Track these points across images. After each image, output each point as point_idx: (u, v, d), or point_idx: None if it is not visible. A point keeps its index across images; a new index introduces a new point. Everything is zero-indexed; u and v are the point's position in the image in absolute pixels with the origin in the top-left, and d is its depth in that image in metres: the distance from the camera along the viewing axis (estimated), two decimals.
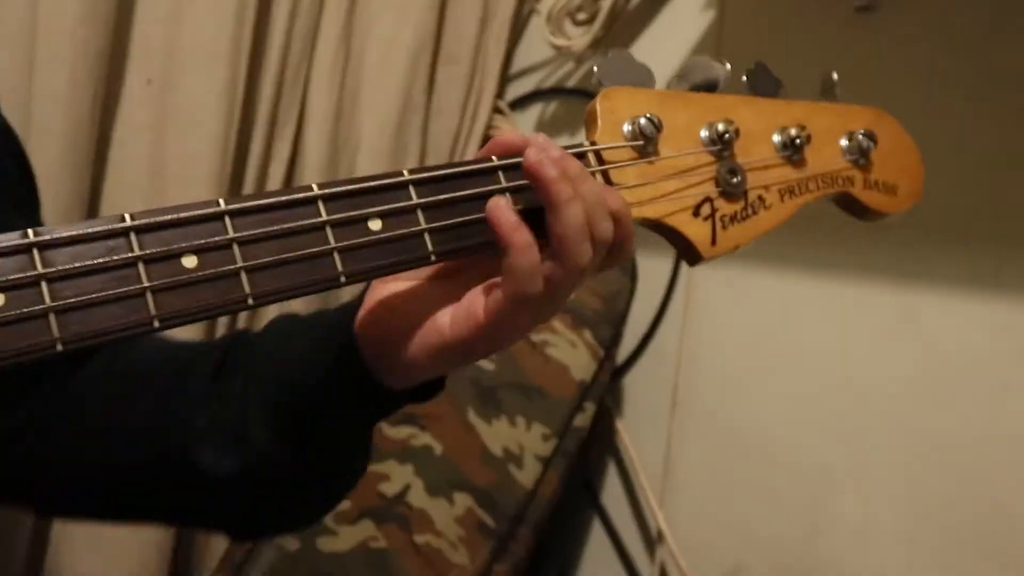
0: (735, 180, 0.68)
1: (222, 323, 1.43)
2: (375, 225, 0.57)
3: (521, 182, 0.60)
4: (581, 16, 1.58)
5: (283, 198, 0.55)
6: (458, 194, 0.60)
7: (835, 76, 0.78)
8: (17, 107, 1.22)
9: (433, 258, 0.58)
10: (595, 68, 0.67)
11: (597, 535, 1.56)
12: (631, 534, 1.52)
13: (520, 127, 1.73)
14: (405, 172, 0.59)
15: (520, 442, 1.34)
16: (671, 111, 0.67)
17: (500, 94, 1.74)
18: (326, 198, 0.56)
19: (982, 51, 1.21)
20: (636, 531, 1.51)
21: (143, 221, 0.52)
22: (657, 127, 0.65)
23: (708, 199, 0.67)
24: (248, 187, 1.46)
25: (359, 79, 1.57)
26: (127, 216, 0.51)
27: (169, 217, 0.52)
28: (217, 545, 1.52)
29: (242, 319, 1.44)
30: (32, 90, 1.23)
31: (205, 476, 0.70)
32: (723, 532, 1.41)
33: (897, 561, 1.25)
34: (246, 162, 1.46)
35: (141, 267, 0.51)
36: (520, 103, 1.74)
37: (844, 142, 0.76)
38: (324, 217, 0.56)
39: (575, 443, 1.36)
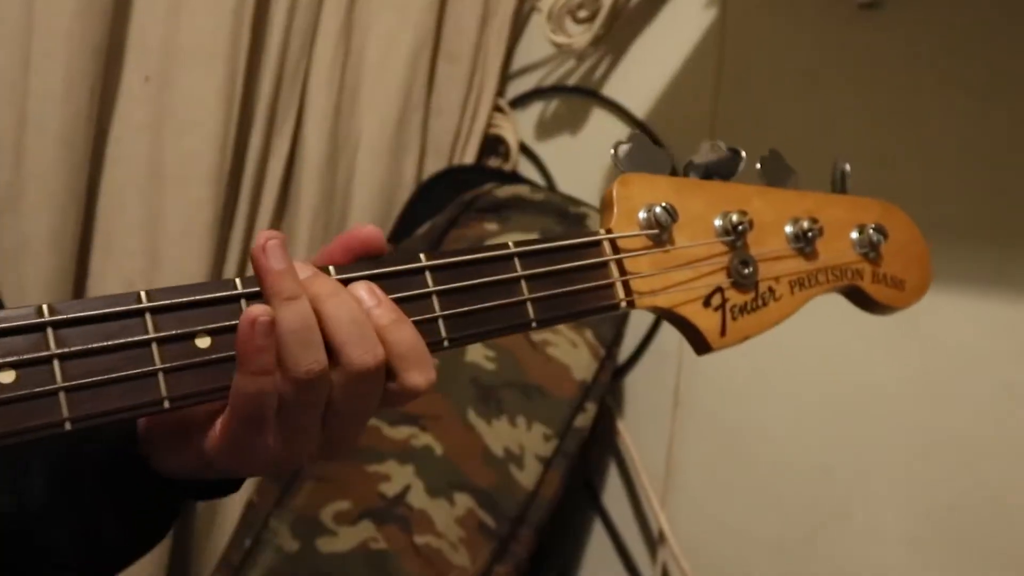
0: (747, 271, 0.69)
1: None
2: None
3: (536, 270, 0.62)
4: (582, 14, 1.57)
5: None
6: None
7: (847, 167, 0.77)
8: (12, 104, 1.21)
9: (446, 344, 0.60)
10: (612, 152, 0.67)
11: (598, 536, 1.55)
12: (632, 535, 1.51)
13: (521, 125, 1.72)
14: (423, 257, 0.59)
15: (521, 442, 1.33)
16: (686, 199, 0.68)
17: (500, 92, 1.73)
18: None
19: (986, 49, 1.21)
20: (637, 532, 1.50)
21: (160, 302, 0.52)
22: (673, 216, 0.66)
23: (719, 289, 0.68)
24: (247, 185, 1.46)
25: (359, 77, 1.57)
26: (143, 295, 0.51)
27: (186, 299, 0.53)
28: (214, 546, 1.51)
29: None
30: (27, 87, 1.23)
31: None
32: (725, 533, 1.40)
33: (900, 561, 1.24)
34: (244, 160, 1.46)
35: (155, 347, 0.51)
36: (520, 101, 1.73)
37: (855, 235, 0.77)
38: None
39: (576, 443, 1.35)
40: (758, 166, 0.73)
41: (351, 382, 0.54)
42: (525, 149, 1.71)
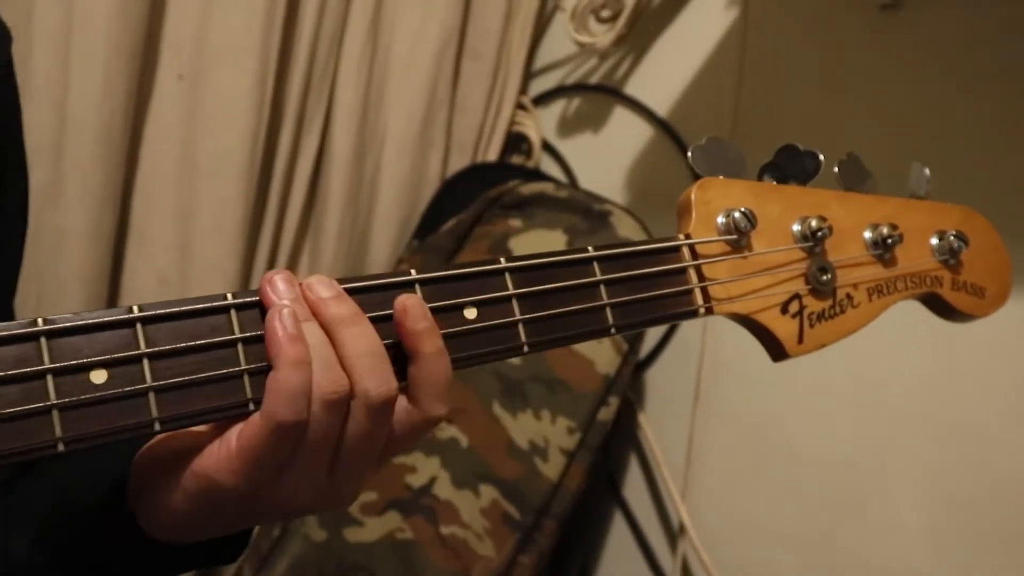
0: (825, 278, 0.68)
1: None
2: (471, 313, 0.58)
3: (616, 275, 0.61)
4: (605, 13, 1.59)
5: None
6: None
7: (927, 172, 0.77)
8: (53, 104, 1.24)
9: (526, 349, 0.59)
10: (689, 154, 0.67)
11: (619, 528, 1.57)
12: (653, 527, 1.53)
13: (543, 122, 1.74)
14: (503, 261, 0.58)
15: (545, 435, 1.36)
16: (764, 204, 0.67)
17: (524, 90, 1.76)
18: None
19: (1004, 49, 1.22)
20: (658, 524, 1.53)
21: (244, 300, 0.52)
22: (752, 222, 0.65)
23: (797, 296, 0.67)
24: (276, 181, 1.48)
25: (385, 74, 1.59)
26: (228, 295, 0.52)
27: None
28: None
29: None
30: (68, 87, 1.25)
31: None
32: (745, 525, 1.42)
33: (918, 553, 1.26)
34: (275, 156, 1.48)
35: (240, 348, 0.52)
36: (543, 99, 1.75)
37: (935, 241, 0.76)
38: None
39: (599, 436, 1.37)
40: (836, 169, 0.72)
41: (364, 417, 0.53)
42: (547, 146, 1.73)
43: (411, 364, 0.55)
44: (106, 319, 0.49)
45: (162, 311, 0.50)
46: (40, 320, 0.48)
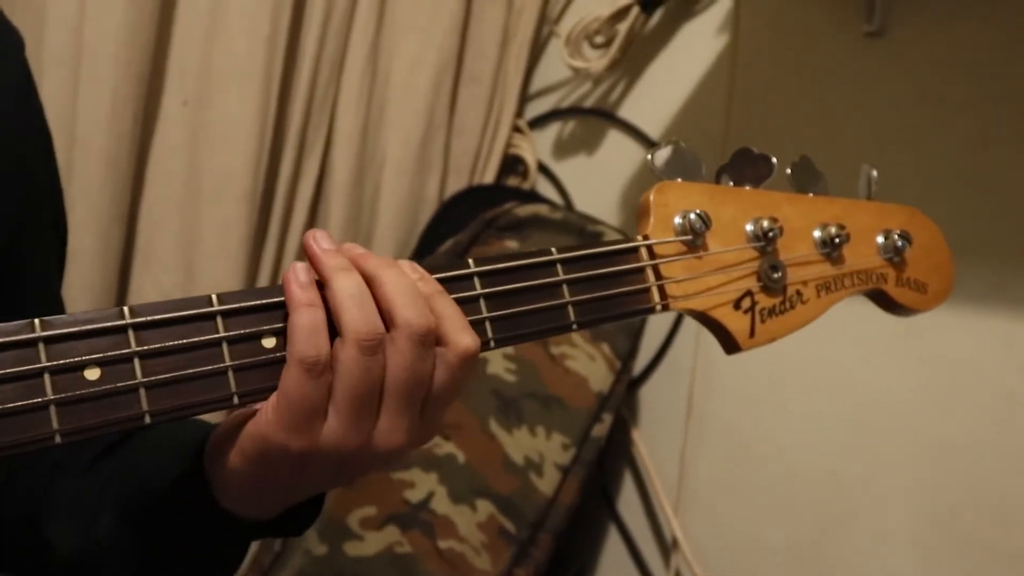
0: (776, 276, 0.71)
1: None
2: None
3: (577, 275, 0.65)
4: (599, 39, 1.63)
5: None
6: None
7: (874, 174, 0.80)
8: (62, 127, 1.27)
9: (492, 344, 0.62)
10: (649, 157, 0.70)
11: (613, 542, 1.59)
12: (646, 541, 1.56)
13: (539, 145, 1.77)
14: (471, 263, 0.62)
15: (540, 451, 1.38)
16: (719, 206, 0.71)
17: (520, 113, 1.79)
18: None
19: (989, 75, 1.25)
20: (651, 538, 1.55)
21: (230, 306, 0.55)
22: (706, 223, 0.69)
23: (749, 292, 0.70)
24: (278, 203, 1.51)
25: (384, 99, 1.62)
26: (214, 298, 0.55)
27: (253, 303, 0.56)
28: None
29: None
30: (76, 111, 1.28)
31: (46, 548, 0.68)
32: (736, 538, 1.45)
33: (906, 564, 1.29)
34: (276, 179, 1.51)
35: (225, 347, 0.55)
36: (539, 122, 1.78)
37: (880, 240, 0.78)
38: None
39: (593, 452, 1.40)
40: (788, 171, 0.76)
41: (408, 348, 0.55)
42: (543, 168, 1.76)
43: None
44: (101, 325, 0.52)
45: (154, 316, 0.54)
46: (37, 323, 0.51)
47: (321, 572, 1.38)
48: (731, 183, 0.74)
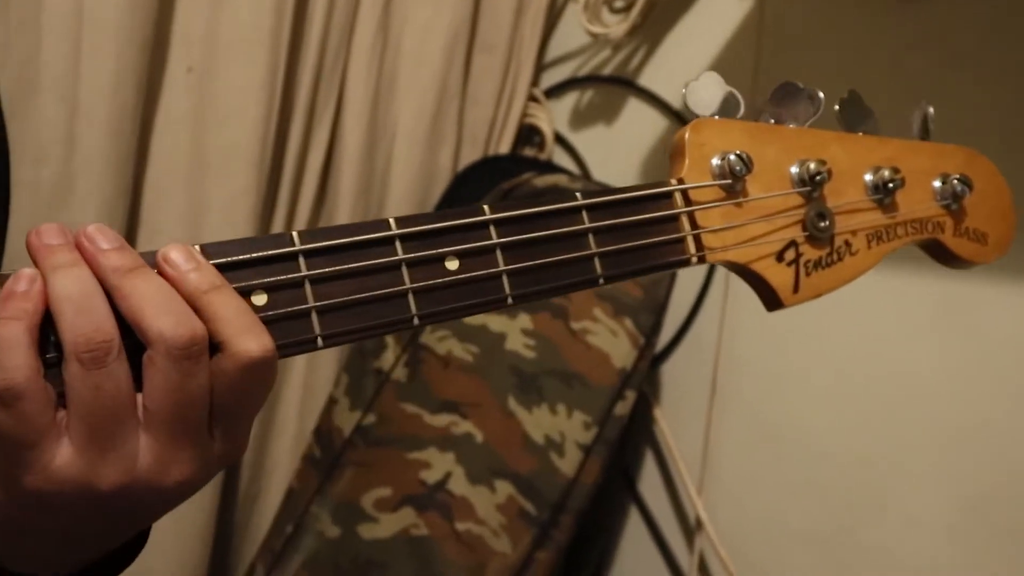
0: (823, 225, 0.66)
1: None
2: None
3: (604, 223, 0.60)
4: (619, 3, 1.58)
5: (357, 237, 0.55)
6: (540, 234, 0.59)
7: (931, 111, 0.74)
8: (63, 98, 1.23)
9: (510, 300, 0.57)
10: (683, 91, 0.64)
11: (634, 524, 1.56)
12: (669, 523, 1.52)
13: (556, 114, 1.73)
14: (487, 210, 0.57)
15: (561, 430, 1.34)
16: (761, 146, 0.64)
17: (536, 82, 1.74)
18: (403, 237, 0.55)
19: (1022, 40, 1.20)
20: (674, 520, 1.51)
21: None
22: (748, 166, 0.63)
23: (794, 243, 0.65)
24: (287, 175, 1.47)
25: (396, 67, 1.58)
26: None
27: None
28: (254, 534, 1.53)
29: None
30: (78, 80, 1.24)
31: None
32: (763, 521, 1.41)
33: (936, 551, 1.25)
34: (285, 150, 1.47)
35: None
36: (555, 91, 1.74)
37: (937, 184, 0.72)
38: (400, 255, 0.55)
39: (616, 431, 1.36)
40: (836, 108, 0.69)
41: (167, 365, 0.47)
42: (560, 138, 1.72)
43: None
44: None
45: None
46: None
47: (335, 555, 1.35)
48: (771, 121, 0.67)
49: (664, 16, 1.57)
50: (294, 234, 0.52)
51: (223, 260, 0.51)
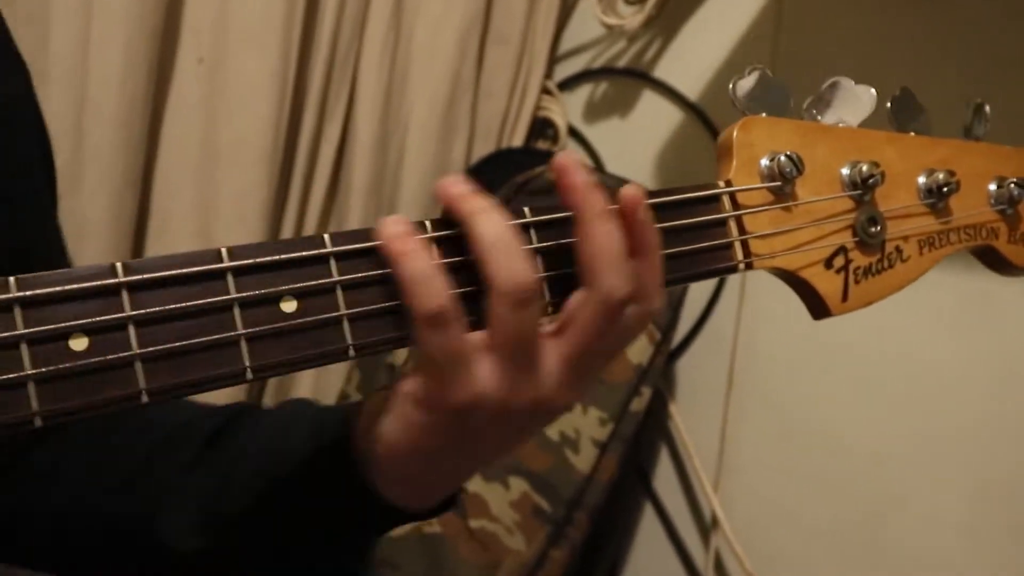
0: (874, 230, 0.62)
1: None
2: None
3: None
4: None
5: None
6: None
7: (987, 108, 0.70)
8: (72, 88, 1.22)
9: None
10: (731, 87, 0.61)
11: (650, 521, 1.54)
12: (685, 520, 1.50)
13: (569, 107, 1.71)
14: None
15: (576, 426, 1.33)
16: (811, 146, 0.61)
17: (549, 74, 1.72)
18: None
19: None
20: (690, 517, 1.50)
21: (244, 262, 0.47)
22: (798, 168, 0.59)
23: (843, 249, 0.62)
24: (299, 167, 1.46)
25: (408, 59, 1.57)
26: (224, 252, 0.47)
27: (271, 258, 0.48)
28: None
29: None
30: (87, 70, 1.23)
31: (165, 550, 0.62)
32: (780, 518, 1.40)
33: (956, 547, 1.23)
34: (297, 142, 1.46)
35: (237, 311, 0.47)
36: (569, 83, 1.72)
37: (993, 187, 0.69)
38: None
39: (632, 427, 1.35)
40: (888, 106, 0.66)
41: (601, 308, 0.51)
42: (574, 132, 1.70)
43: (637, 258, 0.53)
44: (90, 285, 0.44)
45: (153, 275, 0.45)
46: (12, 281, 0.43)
47: None
48: (821, 119, 0.64)
49: (680, 7, 1.55)
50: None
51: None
